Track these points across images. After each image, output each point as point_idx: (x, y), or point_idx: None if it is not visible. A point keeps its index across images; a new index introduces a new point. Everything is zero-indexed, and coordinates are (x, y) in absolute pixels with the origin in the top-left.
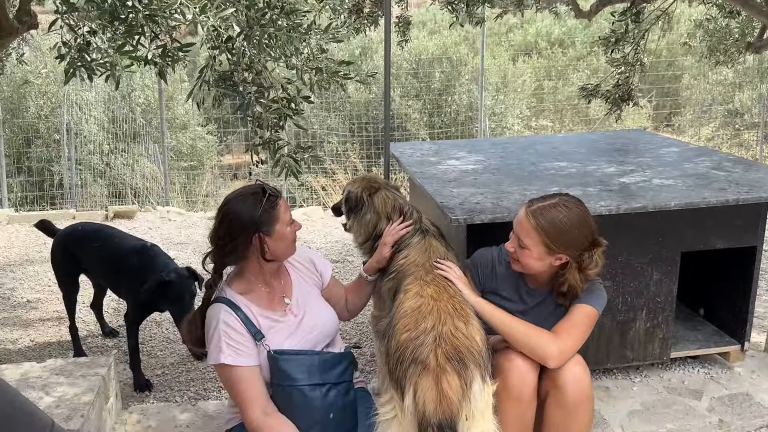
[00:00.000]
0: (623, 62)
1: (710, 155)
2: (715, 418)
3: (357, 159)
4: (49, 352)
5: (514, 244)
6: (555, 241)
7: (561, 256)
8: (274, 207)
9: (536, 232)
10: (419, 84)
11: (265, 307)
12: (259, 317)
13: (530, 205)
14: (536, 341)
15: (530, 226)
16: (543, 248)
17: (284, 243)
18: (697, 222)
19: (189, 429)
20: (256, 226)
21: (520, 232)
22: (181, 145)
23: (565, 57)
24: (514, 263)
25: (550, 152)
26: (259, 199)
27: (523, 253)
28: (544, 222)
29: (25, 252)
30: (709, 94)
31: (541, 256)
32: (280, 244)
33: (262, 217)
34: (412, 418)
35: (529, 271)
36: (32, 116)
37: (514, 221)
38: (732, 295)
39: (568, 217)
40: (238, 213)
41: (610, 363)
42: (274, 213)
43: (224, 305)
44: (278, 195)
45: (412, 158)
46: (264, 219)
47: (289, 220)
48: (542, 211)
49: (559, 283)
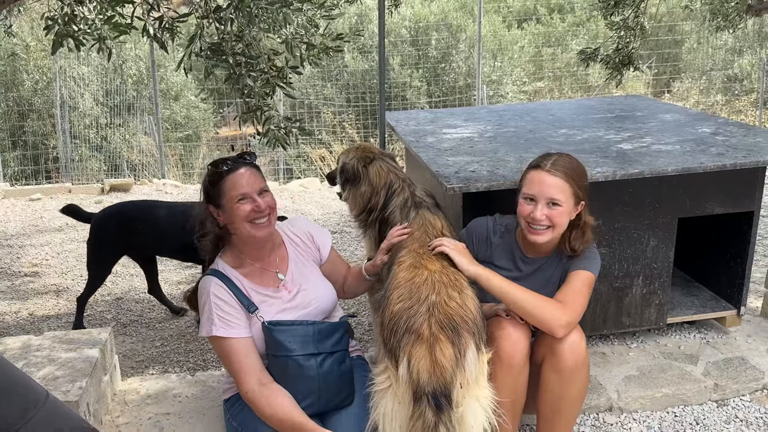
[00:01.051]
0: (623, 26)
1: (709, 120)
2: (710, 382)
3: (353, 130)
4: (47, 324)
5: (544, 210)
6: (581, 187)
7: (581, 205)
8: (218, 180)
9: (567, 184)
10: (417, 52)
11: (257, 283)
12: (251, 291)
13: (543, 165)
14: (546, 313)
15: (559, 180)
16: (573, 199)
17: (234, 219)
18: (694, 188)
19: (188, 399)
20: (207, 196)
21: (551, 191)
22: (176, 114)
23: (564, 23)
24: (542, 234)
25: (548, 119)
26: (213, 170)
27: (557, 213)
28: (569, 170)
29: (21, 226)
30: (710, 59)
31: (570, 210)
32: (232, 224)
33: (207, 188)
34: (407, 387)
35: (558, 233)
36: (27, 90)
37: (533, 188)
38: (728, 260)
39: (576, 162)
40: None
41: (607, 329)
42: (219, 186)
43: (215, 278)
44: (232, 168)
45: (407, 127)
46: (209, 191)
47: (237, 196)
48: (559, 162)
49: (577, 235)
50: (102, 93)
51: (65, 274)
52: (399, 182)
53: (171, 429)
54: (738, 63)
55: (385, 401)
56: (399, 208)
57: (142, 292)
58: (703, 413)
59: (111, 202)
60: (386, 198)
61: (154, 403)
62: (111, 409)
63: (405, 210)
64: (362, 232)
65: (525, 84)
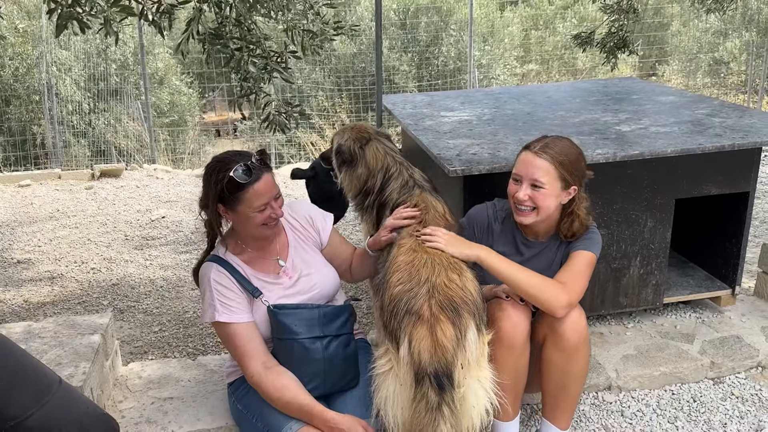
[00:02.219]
0: (617, 9)
1: (705, 102)
2: (706, 360)
3: (344, 114)
4: (43, 312)
5: (527, 190)
6: (570, 171)
7: (572, 189)
8: (238, 191)
9: (553, 166)
10: (407, 35)
11: (258, 270)
12: (252, 277)
13: (532, 147)
14: (547, 294)
15: (544, 161)
16: (560, 183)
17: (248, 226)
18: (691, 169)
19: (190, 383)
20: (221, 200)
21: (535, 172)
22: (161, 101)
23: (552, 6)
24: (527, 215)
25: (545, 101)
26: (229, 179)
27: (540, 195)
28: (557, 154)
29: (12, 213)
30: (697, 42)
31: (557, 193)
32: (243, 226)
33: (222, 193)
34: (408, 369)
35: (544, 215)
36: (8, 77)
37: (520, 168)
38: (723, 240)
39: (571, 146)
40: (209, 180)
41: (605, 310)
42: (238, 196)
43: (216, 264)
44: (254, 178)
45: (404, 110)
46: (224, 196)
47: (260, 207)
48: (549, 145)
49: (568, 222)
50: (85, 78)
51: (58, 260)
52: (396, 165)
53: (174, 413)
54: (724, 46)
55: (387, 384)
56: (397, 191)
57: (138, 278)
58: (700, 391)
59: (102, 188)
60: (383, 182)
61: (157, 387)
62: (113, 394)
63: (406, 189)
64: (359, 215)
65: (515, 68)
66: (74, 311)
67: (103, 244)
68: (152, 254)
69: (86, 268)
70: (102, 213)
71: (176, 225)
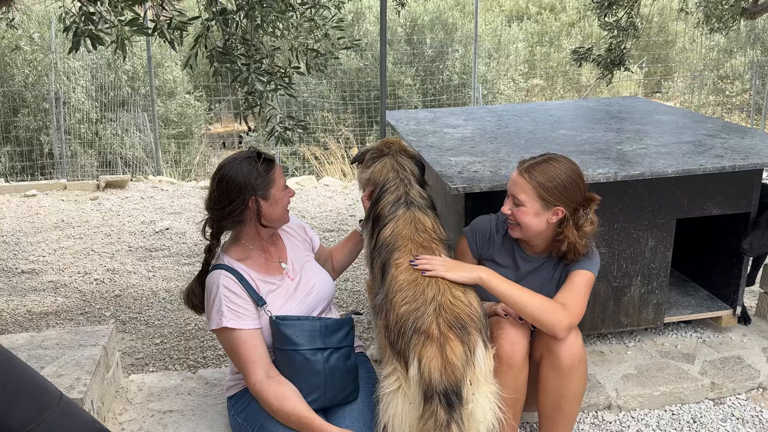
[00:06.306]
0: (616, 26)
1: (706, 122)
2: (707, 380)
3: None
4: (46, 322)
5: (510, 205)
6: (550, 192)
7: (558, 210)
8: (269, 171)
9: (530, 186)
10: (412, 50)
11: (263, 273)
12: (258, 282)
13: (520, 165)
14: (548, 316)
15: (524, 181)
16: (539, 203)
17: (279, 207)
18: (692, 189)
19: (190, 396)
20: (252, 188)
21: (515, 190)
22: (170, 112)
23: (558, 22)
24: (513, 229)
25: (547, 119)
26: (254, 164)
27: (519, 212)
28: (537, 174)
29: (17, 223)
30: (702, 60)
31: (537, 212)
32: (275, 209)
33: (258, 180)
34: (417, 388)
35: (528, 232)
36: (18, 85)
37: (508, 184)
38: (724, 260)
39: (559, 168)
40: (234, 176)
41: (605, 328)
42: (270, 177)
43: (223, 270)
44: (272, 160)
45: (408, 127)
46: (260, 182)
47: (284, 185)
48: (534, 165)
49: (557, 242)
50: (94, 89)
51: (62, 271)
52: (396, 181)
53: (174, 426)
54: (730, 64)
55: (395, 402)
56: (389, 206)
57: (141, 289)
58: (700, 411)
59: (107, 198)
60: (378, 195)
61: (157, 399)
62: (114, 406)
63: (395, 206)
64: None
65: (519, 83)
66: (77, 322)
67: (107, 255)
68: (155, 265)
69: (89, 279)
70: (106, 224)
71: (180, 237)
